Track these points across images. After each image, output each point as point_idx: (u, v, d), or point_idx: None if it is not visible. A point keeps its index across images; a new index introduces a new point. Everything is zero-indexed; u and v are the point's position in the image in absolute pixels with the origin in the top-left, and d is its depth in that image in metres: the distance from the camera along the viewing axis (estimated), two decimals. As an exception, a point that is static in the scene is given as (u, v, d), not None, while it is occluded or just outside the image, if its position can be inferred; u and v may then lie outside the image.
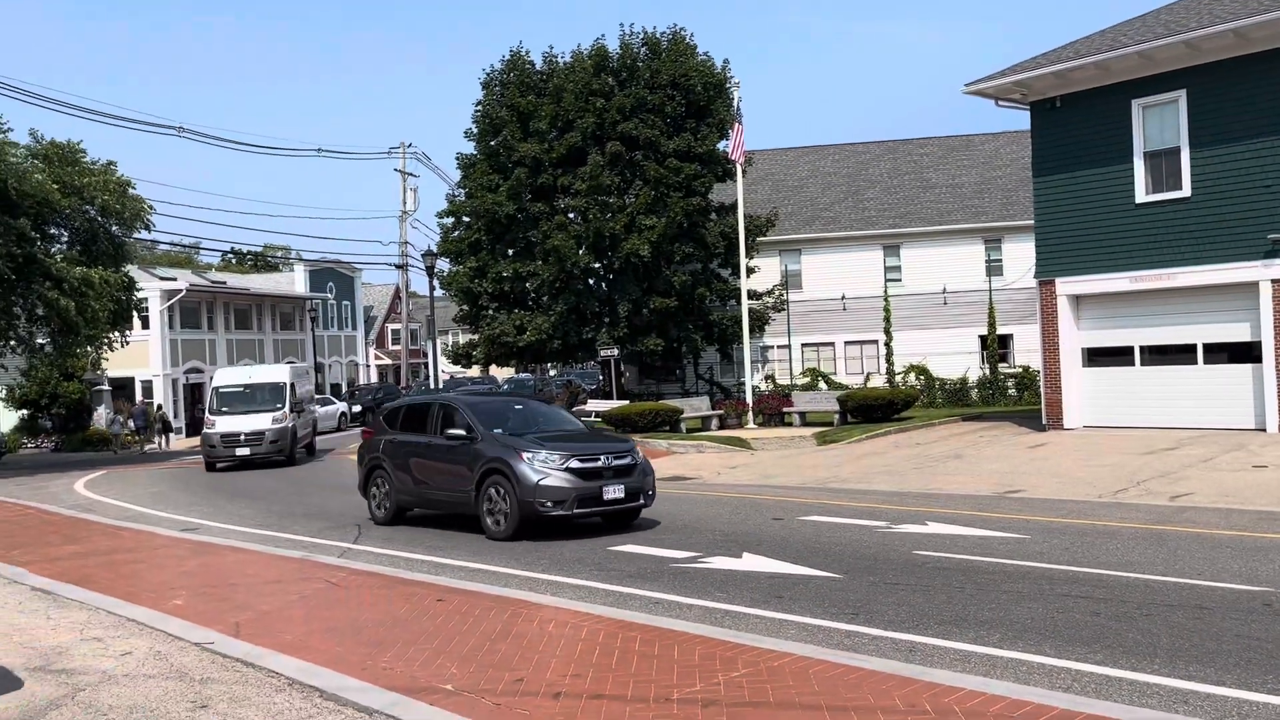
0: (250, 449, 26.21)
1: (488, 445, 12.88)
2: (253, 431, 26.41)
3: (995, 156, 41.85)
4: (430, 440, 13.77)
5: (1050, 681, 6.28)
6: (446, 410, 13.87)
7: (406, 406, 15.07)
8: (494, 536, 12.45)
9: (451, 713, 5.82)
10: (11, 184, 25.68)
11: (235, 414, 26.83)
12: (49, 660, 7.48)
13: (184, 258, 68.87)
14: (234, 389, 27.84)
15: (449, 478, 13.33)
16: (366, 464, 14.90)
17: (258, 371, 29.70)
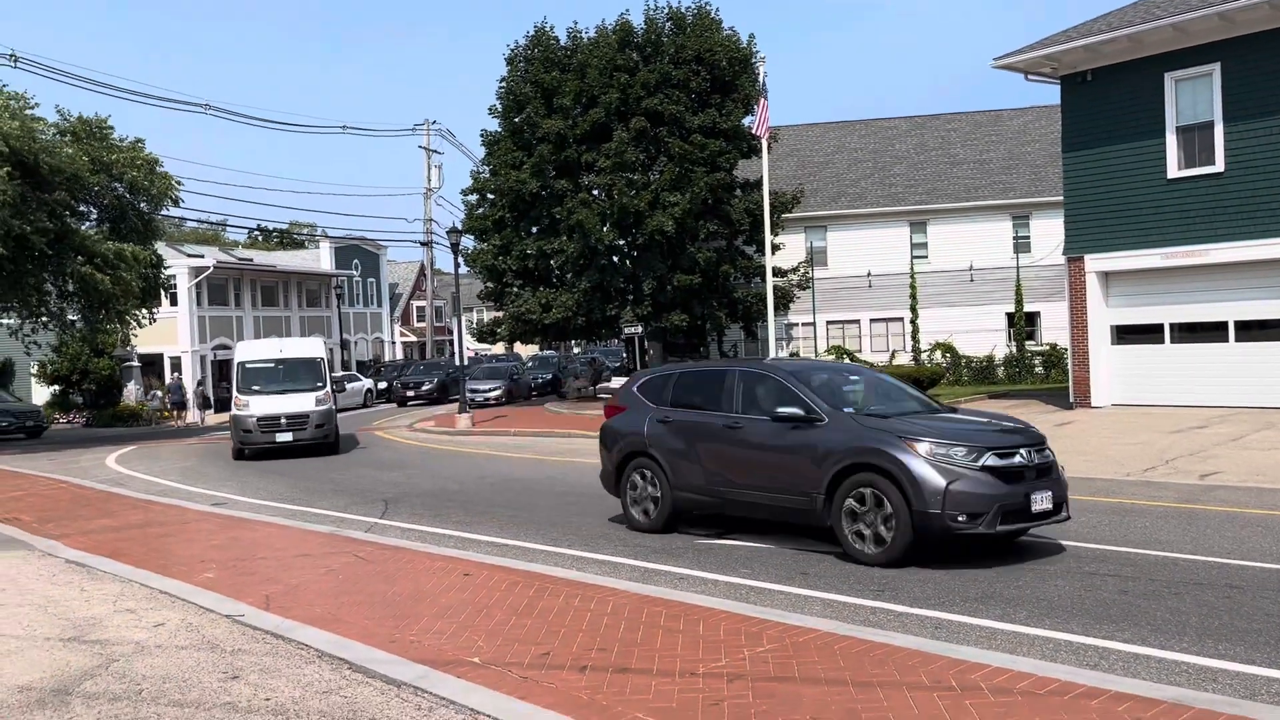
0: (293, 434, 22.56)
1: (841, 431, 9.44)
2: (295, 414, 22.75)
3: (1024, 132, 41.36)
4: (736, 421, 10.36)
5: (1077, 659, 6.25)
6: (760, 381, 10.57)
7: (683, 374, 11.71)
8: (865, 560, 9.07)
9: (479, 685, 5.88)
10: (43, 160, 25.90)
11: (269, 394, 23.14)
12: (83, 631, 7.61)
13: (211, 235, 69.37)
14: (264, 365, 24.06)
15: (775, 474, 9.87)
16: (620, 451, 11.57)
17: (289, 345, 25.80)
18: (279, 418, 22.69)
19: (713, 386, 11.01)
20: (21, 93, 27.42)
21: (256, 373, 23.92)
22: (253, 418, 22.72)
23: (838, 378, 10.97)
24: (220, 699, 5.89)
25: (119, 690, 6.13)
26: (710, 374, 11.48)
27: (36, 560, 10.68)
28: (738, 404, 10.52)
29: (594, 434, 24.49)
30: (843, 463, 9.24)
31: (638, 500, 11.29)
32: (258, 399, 23.07)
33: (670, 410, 11.22)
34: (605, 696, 5.62)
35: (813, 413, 9.71)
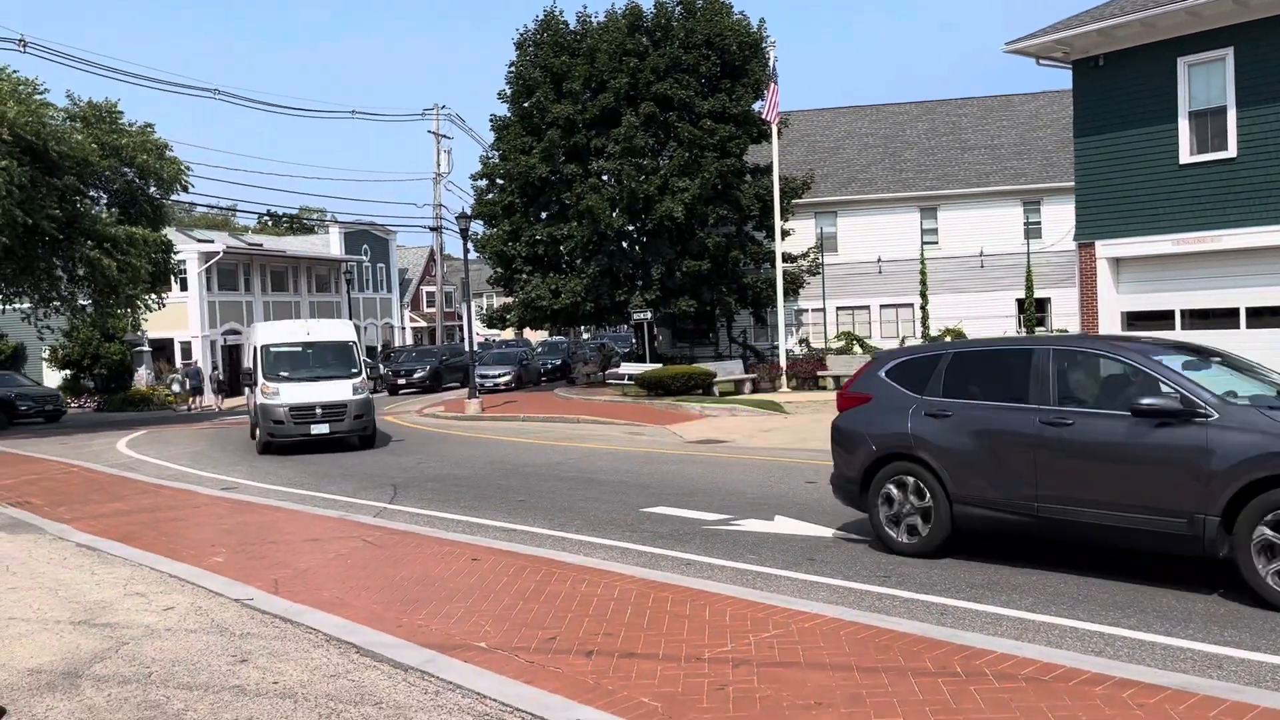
0: (329, 425, 20.19)
1: (1240, 430, 7.13)
2: (332, 404, 20.34)
3: (1035, 117, 41.10)
4: (1061, 416, 8.01)
5: (1083, 645, 6.26)
6: (1093, 362, 8.42)
7: (960, 355, 9.22)
8: None
9: (486, 669, 5.92)
10: (52, 145, 25.96)
11: (300, 381, 20.80)
12: (93, 614, 7.67)
13: (220, 220, 69.49)
14: (291, 348, 21.64)
15: (1132, 487, 7.56)
16: (867, 454, 9.25)
17: (317, 327, 22.78)
18: (313, 408, 20.27)
19: (1011, 370, 8.63)
20: (31, 78, 27.49)
21: (283, 357, 21.41)
22: (283, 407, 20.21)
23: (1194, 357, 8.49)
24: (229, 682, 5.94)
25: (129, 673, 6.19)
26: (1005, 354, 9.11)
27: (47, 544, 10.76)
28: (1053, 393, 8.19)
29: (603, 419, 24.81)
30: (1252, 475, 6.93)
31: (897, 517, 9.01)
32: (288, 386, 20.55)
33: (945, 402, 8.88)
34: (611, 681, 5.65)
35: (1194, 405, 7.37)
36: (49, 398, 35.89)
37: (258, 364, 21.16)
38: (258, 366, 21.13)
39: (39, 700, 5.73)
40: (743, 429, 21.37)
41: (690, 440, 19.76)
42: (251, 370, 21.56)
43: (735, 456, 16.82)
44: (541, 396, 34.05)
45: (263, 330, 22.64)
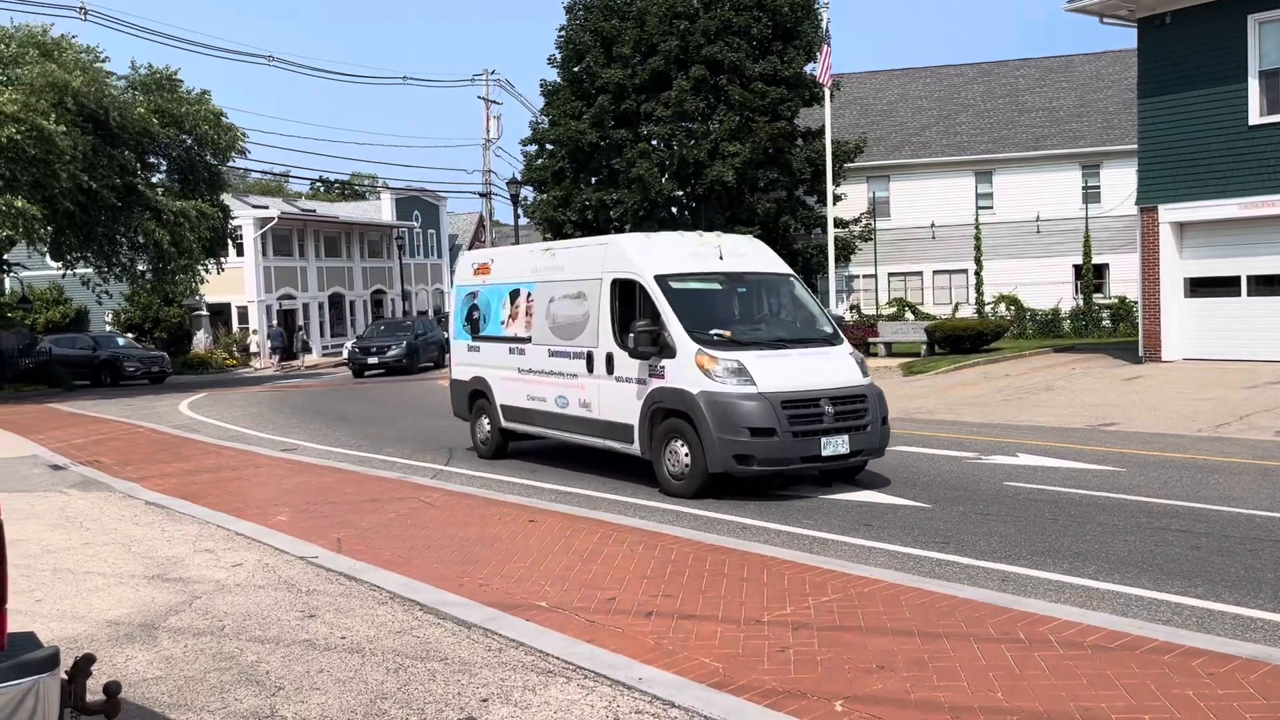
0: (850, 436, 10.36)
1: None
2: (845, 394, 10.57)
3: (1096, 78, 40.08)
4: None
5: (1149, 614, 6.19)
6: None
7: None
8: None
9: (547, 628, 6.00)
10: (114, 115, 26.39)
11: (760, 347, 10.70)
12: (165, 569, 7.89)
13: (274, 186, 70.28)
14: (704, 287, 11.49)
15: None
16: None
17: (729, 245, 12.04)
18: (817, 400, 10.28)
19: None
20: (92, 46, 27.93)
21: (697, 302, 11.16)
22: (763, 402, 10.07)
23: None
24: (299, 636, 6.09)
25: (202, 626, 6.37)
26: None
27: (118, 501, 11.07)
28: None
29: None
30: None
31: None
32: (754, 359, 10.39)
33: None
34: (671, 641, 5.71)
35: None
36: (154, 359, 36.14)
37: (664, 311, 10.65)
38: (664, 316, 10.63)
39: (119, 650, 5.92)
40: (794, 395, 21.25)
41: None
42: (653, 328, 10.60)
43: (787, 422, 16.74)
44: (591, 362, 34.10)
45: (633, 248, 11.48)
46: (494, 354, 13.38)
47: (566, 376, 11.86)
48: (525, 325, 12.72)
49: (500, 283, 13.46)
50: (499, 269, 13.64)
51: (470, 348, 14.04)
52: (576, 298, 11.79)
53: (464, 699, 5.03)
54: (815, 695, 4.88)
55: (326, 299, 49.50)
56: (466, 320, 14.19)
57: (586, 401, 11.60)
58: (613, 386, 11.18)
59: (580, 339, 11.66)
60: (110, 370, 34.35)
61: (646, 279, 10.93)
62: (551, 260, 12.52)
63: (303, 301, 47.39)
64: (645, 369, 10.74)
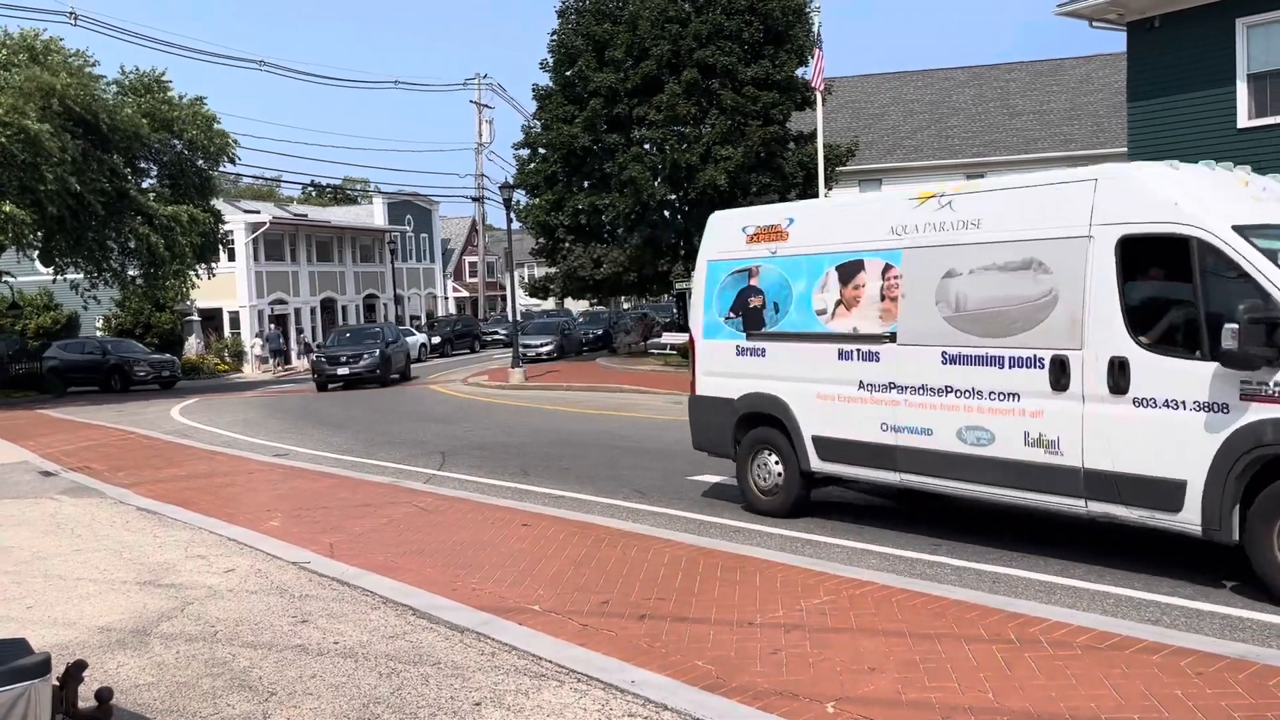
0: None
1: None
2: None
3: (1087, 81, 40.25)
4: None
5: (1139, 614, 6.22)
6: None
7: None
8: None
9: (541, 632, 6.01)
10: (103, 119, 26.34)
11: None
12: (158, 575, 7.88)
13: (266, 190, 70.19)
14: None
15: None
16: None
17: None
18: None
19: None
20: (81, 50, 27.89)
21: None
22: None
23: None
24: (291, 641, 6.09)
25: (195, 632, 6.36)
26: None
27: (110, 507, 11.04)
28: None
29: (645, 389, 24.85)
30: None
31: None
32: None
33: None
34: (664, 644, 5.72)
35: None
36: (164, 363, 35.62)
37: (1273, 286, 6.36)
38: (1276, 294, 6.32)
39: (110, 656, 5.91)
40: (786, 398, 21.30)
41: (734, 409, 19.75)
42: (1270, 315, 6.28)
43: (780, 426, 16.78)
44: (584, 366, 34.18)
45: (1163, 182, 7.15)
46: (800, 359, 9.14)
47: (996, 398, 7.70)
48: (879, 315, 8.61)
49: (810, 251, 9.15)
50: (806, 231, 9.31)
51: (743, 350, 9.74)
52: (1021, 270, 7.63)
53: (457, 703, 5.04)
54: (807, 697, 4.90)
55: (319, 304, 49.43)
56: (733, 309, 9.86)
57: (1048, 438, 7.36)
58: (1125, 415, 6.92)
59: (1030, 336, 7.51)
60: (120, 375, 33.83)
61: (1216, 233, 6.66)
62: (942, 213, 8.27)
63: (294, 306, 47.32)
64: (1228, 387, 6.46)
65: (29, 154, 24.00)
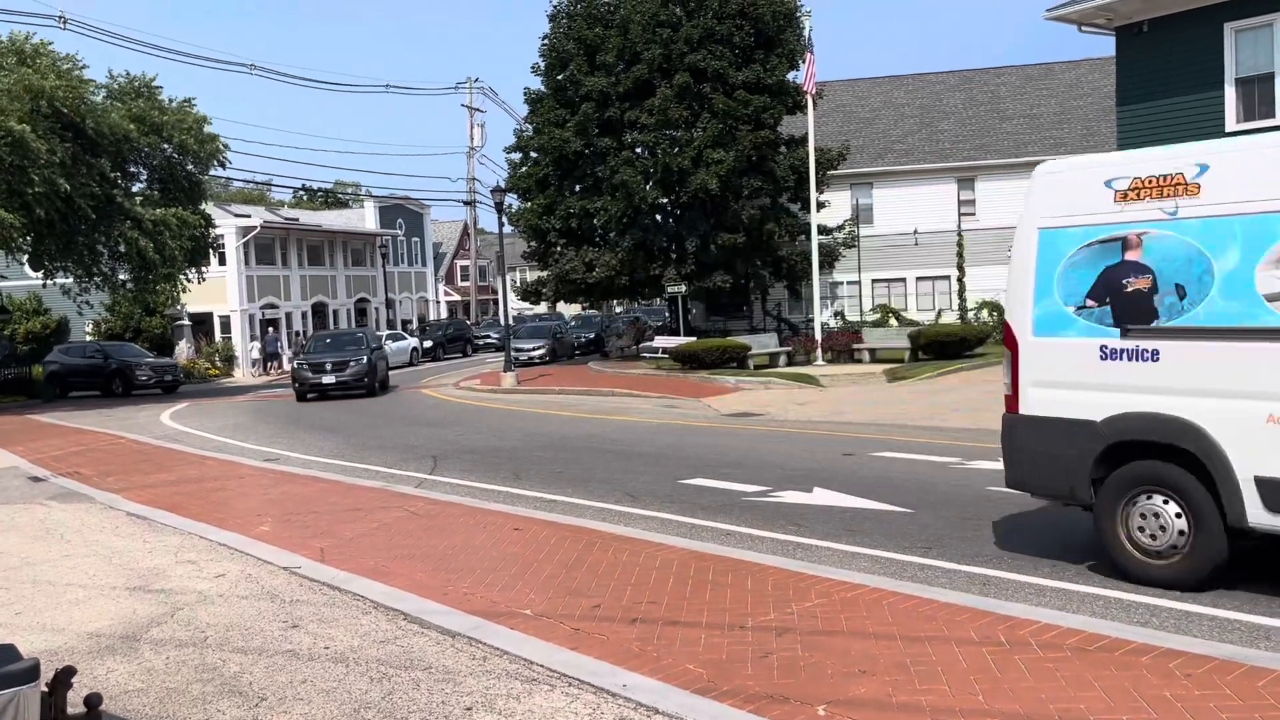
0: None
1: None
2: None
3: (1076, 85, 40.44)
4: None
5: (1128, 616, 6.24)
6: None
7: None
8: None
9: (531, 636, 6.01)
10: (89, 123, 26.26)
11: None
12: (147, 581, 7.85)
13: (257, 194, 70.06)
14: None
15: None
16: None
17: None
18: None
19: None
20: (71, 54, 27.79)
21: None
22: None
23: None
24: (282, 647, 6.07)
25: (185, 637, 6.34)
26: None
27: (99, 513, 11.00)
28: None
29: (637, 393, 24.89)
30: None
31: None
32: None
33: None
34: (655, 648, 5.72)
35: None
36: (167, 367, 35.20)
37: None
38: None
39: (100, 662, 5.89)
40: (778, 402, 21.35)
41: (725, 413, 19.78)
42: None
43: (771, 429, 16.83)
44: (576, 370, 34.17)
45: None
46: (1230, 366, 6.45)
47: None
48: None
49: (1247, 209, 6.39)
50: (1234, 179, 6.50)
51: (1114, 353, 7.01)
52: None
53: (448, 708, 5.03)
54: (799, 700, 4.90)
55: (310, 308, 49.31)
56: (1094, 296, 7.15)
57: None
58: None
59: None
60: (122, 379, 33.44)
61: None
62: None
63: (285, 310, 47.20)
64: None
65: (16, 156, 23.92)
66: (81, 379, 33.68)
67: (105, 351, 34.99)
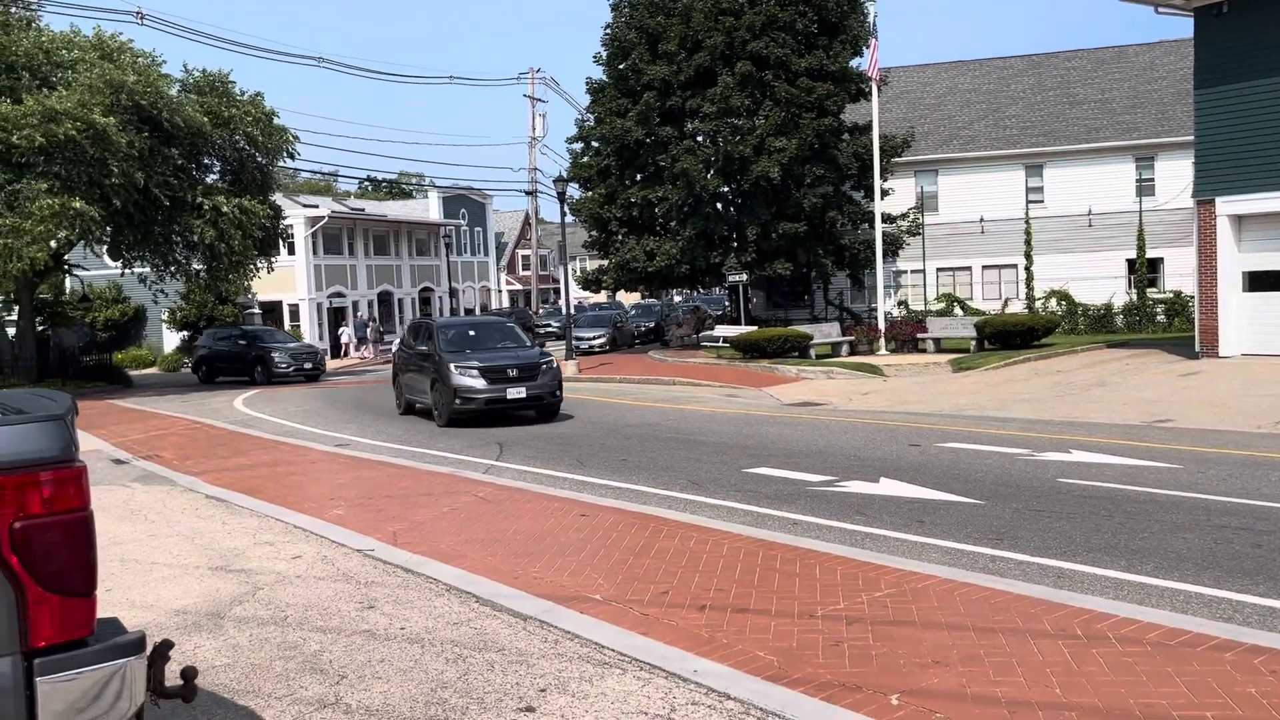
0: None
1: None
2: None
3: (1150, 68, 39.36)
4: None
5: (1210, 611, 6.11)
6: None
7: None
8: None
9: (602, 620, 6.07)
10: (165, 116, 26.94)
11: None
12: (228, 561, 8.08)
13: (323, 185, 71.24)
14: None
15: None
16: None
17: None
18: None
19: None
20: (149, 50, 28.52)
21: None
22: None
23: None
24: (359, 627, 6.22)
25: (266, 616, 6.53)
26: None
27: (180, 495, 11.34)
28: None
29: (698, 381, 24.88)
30: None
31: None
32: None
33: None
34: (725, 635, 5.75)
35: None
36: (306, 353, 33.29)
37: None
38: None
39: (188, 638, 6.09)
40: (840, 391, 21.20)
41: (787, 403, 19.70)
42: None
43: (834, 419, 16.72)
44: (636, 358, 34.25)
45: None
46: None
47: None
48: None
49: None
50: None
51: None
52: None
53: (522, 689, 5.11)
54: (871, 689, 4.89)
55: (375, 296, 50.10)
56: None
57: None
58: None
59: None
60: (263, 366, 32.19)
61: None
62: None
63: (352, 299, 48.00)
64: None
65: (98, 149, 24.65)
66: (226, 364, 33.03)
67: (246, 336, 33.85)
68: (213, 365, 33.59)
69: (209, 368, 33.65)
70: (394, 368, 21.83)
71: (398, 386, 21.00)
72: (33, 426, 3.02)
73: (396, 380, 21.19)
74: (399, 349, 21.88)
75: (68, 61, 27.04)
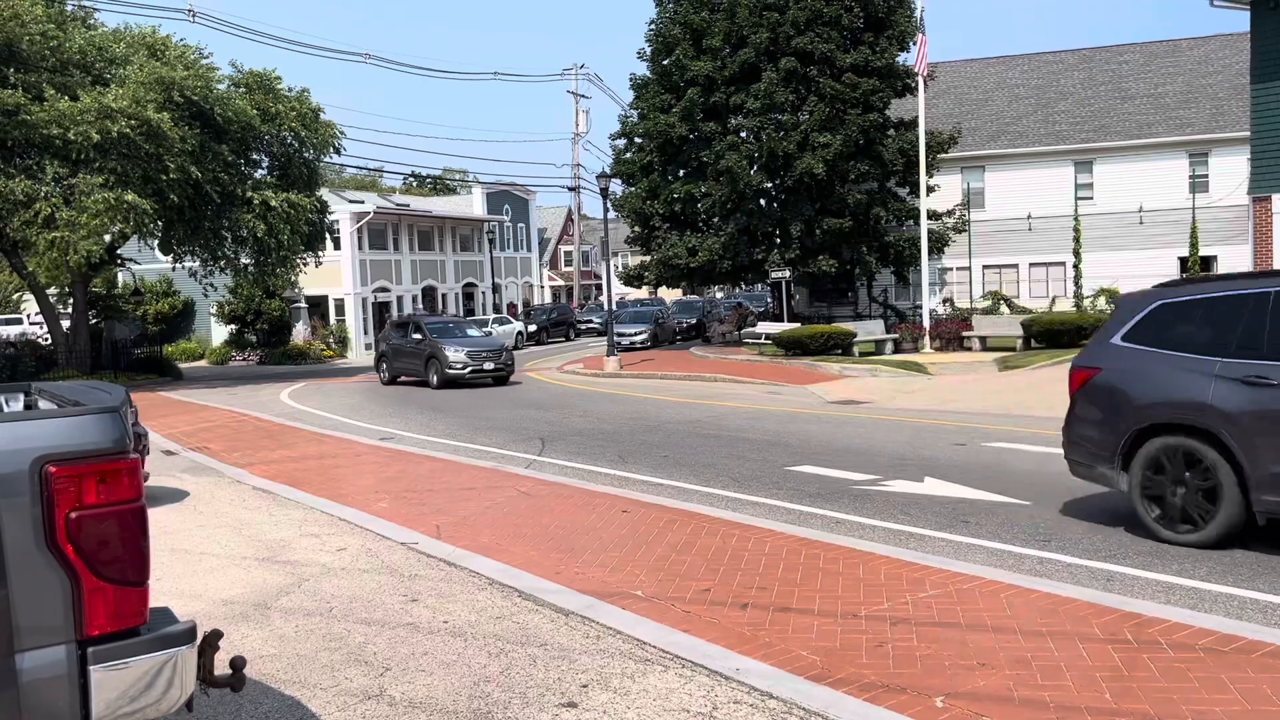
0: None
1: None
2: None
3: (1205, 62, 38.57)
4: None
5: (1265, 618, 5.98)
6: None
7: None
8: None
9: (644, 617, 6.07)
10: (217, 111, 27.36)
11: None
12: (275, 552, 8.19)
13: (368, 181, 71.97)
14: None
15: None
16: None
17: None
18: None
19: None
20: (199, 45, 28.99)
21: None
22: None
23: None
24: (402, 619, 6.27)
25: (312, 607, 6.60)
26: None
27: (227, 486, 11.51)
28: None
29: (740, 379, 24.82)
30: None
31: None
32: None
33: None
34: (768, 633, 5.72)
35: None
36: (489, 352, 26.16)
37: None
38: None
39: (235, 628, 6.18)
40: (884, 390, 21.02)
41: (831, 400, 19.57)
42: None
43: (878, 417, 16.58)
44: (677, 355, 34.21)
45: None
46: None
47: None
48: None
49: None
50: None
51: None
52: None
53: (564, 684, 5.12)
54: (915, 690, 4.84)
55: (420, 291, 50.52)
56: None
57: None
58: None
59: None
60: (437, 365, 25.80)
61: None
62: None
63: (397, 294, 48.44)
64: None
65: (152, 145, 25.10)
66: (404, 361, 27.19)
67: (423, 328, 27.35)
68: (392, 364, 27.76)
69: (390, 367, 27.85)
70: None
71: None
72: (88, 418, 3.08)
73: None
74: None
75: (118, 56, 27.55)
